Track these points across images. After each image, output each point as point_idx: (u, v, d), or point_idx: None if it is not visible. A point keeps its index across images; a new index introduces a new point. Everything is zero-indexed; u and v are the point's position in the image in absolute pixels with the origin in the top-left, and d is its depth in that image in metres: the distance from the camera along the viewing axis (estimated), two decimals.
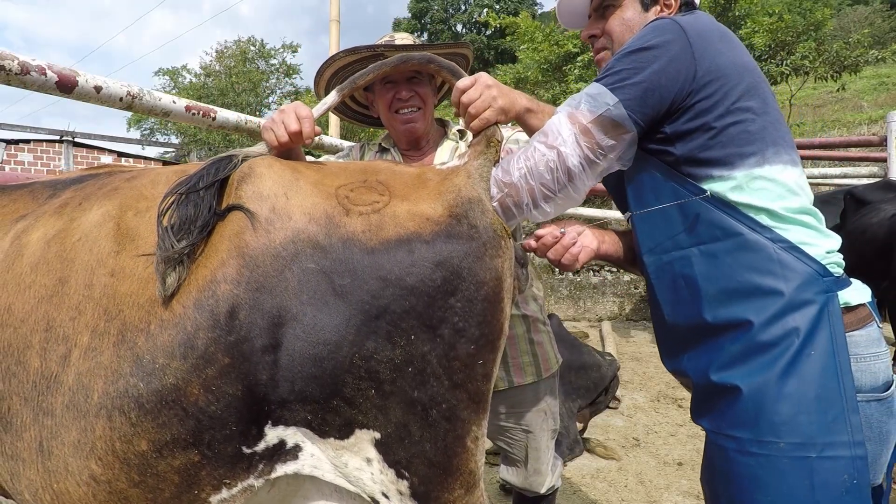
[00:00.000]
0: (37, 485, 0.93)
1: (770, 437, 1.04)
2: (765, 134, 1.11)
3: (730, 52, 1.13)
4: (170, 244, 0.91)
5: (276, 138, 1.15)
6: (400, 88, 1.65)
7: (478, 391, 0.96)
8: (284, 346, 0.90)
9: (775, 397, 1.04)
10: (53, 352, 0.94)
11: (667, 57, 1.08)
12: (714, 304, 1.11)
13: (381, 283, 0.92)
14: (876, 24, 20.82)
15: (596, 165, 1.10)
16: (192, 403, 0.88)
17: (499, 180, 1.08)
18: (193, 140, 16.35)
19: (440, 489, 0.95)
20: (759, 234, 1.08)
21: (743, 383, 1.07)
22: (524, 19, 13.00)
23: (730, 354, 1.10)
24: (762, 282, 1.07)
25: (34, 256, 1.02)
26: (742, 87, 1.11)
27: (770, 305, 1.06)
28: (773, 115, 1.14)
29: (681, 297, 1.17)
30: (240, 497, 0.94)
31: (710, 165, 1.11)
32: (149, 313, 0.92)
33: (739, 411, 1.08)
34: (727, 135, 1.10)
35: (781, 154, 1.12)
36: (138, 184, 1.11)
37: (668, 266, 1.19)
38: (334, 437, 0.93)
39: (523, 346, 1.75)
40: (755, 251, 1.08)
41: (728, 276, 1.10)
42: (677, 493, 2.94)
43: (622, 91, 1.09)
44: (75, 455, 0.90)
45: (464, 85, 1.19)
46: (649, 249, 1.22)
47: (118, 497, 0.90)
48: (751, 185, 1.10)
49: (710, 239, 1.12)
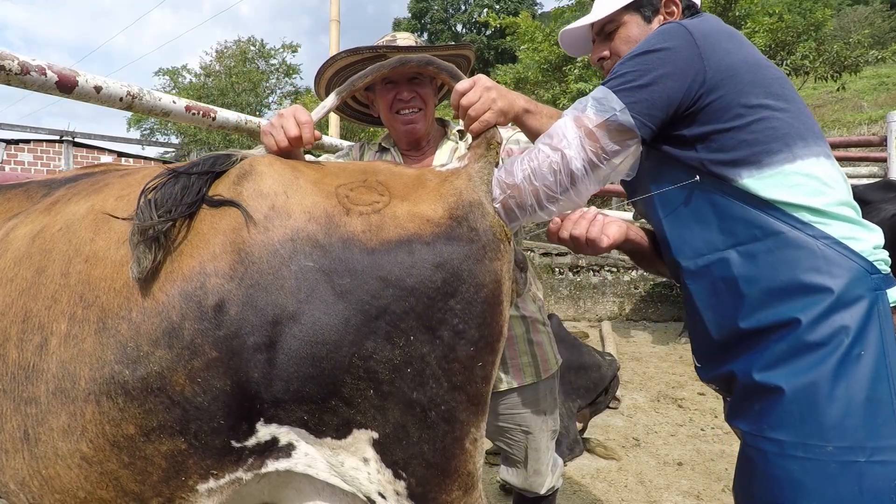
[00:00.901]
0: (23, 473, 0.93)
1: (816, 440, 1.00)
2: (790, 128, 1.09)
3: (739, 50, 1.12)
4: (148, 216, 0.90)
5: (276, 143, 1.15)
6: (401, 89, 1.65)
7: (477, 393, 0.96)
8: (280, 344, 0.90)
9: (823, 399, 1.00)
10: (29, 341, 0.94)
11: (673, 59, 1.08)
12: (757, 305, 1.08)
13: (380, 283, 0.91)
14: (876, 24, 20.82)
15: (599, 170, 1.09)
16: (177, 393, 0.88)
17: (501, 181, 1.08)
18: (193, 140, 16.35)
19: (438, 490, 0.95)
20: (800, 231, 1.05)
21: (788, 384, 1.03)
22: (524, 19, 12.99)
23: (775, 354, 1.06)
24: (808, 279, 1.04)
25: (18, 252, 1.02)
26: (757, 83, 1.09)
27: (818, 303, 1.03)
28: (796, 107, 1.12)
29: (721, 300, 1.13)
30: (227, 488, 0.94)
31: (738, 166, 1.09)
32: (128, 299, 0.91)
33: (783, 413, 1.04)
34: (750, 133, 1.08)
35: (812, 146, 1.09)
36: (130, 178, 1.11)
37: (704, 270, 1.15)
38: (331, 437, 0.93)
39: (522, 346, 1.75)
40: (798, 249, 1.05)
41: (771, 275, 1.07)
42: (677, 493, 2.94)
43: (628, 94, 1.08)
44: (65, 439, 0.90)
45: (463, 87, 1.18)
46: (683, 253, 1.19)
47: (109, 478, 0.90)
48: (785, 182, 1.07)
49: (749, 239, 1.09)
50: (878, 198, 4.02)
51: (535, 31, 12.56)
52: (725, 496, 2.90)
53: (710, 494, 2.92)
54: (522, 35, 12.78)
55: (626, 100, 1.07)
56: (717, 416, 4.04)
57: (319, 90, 1.76)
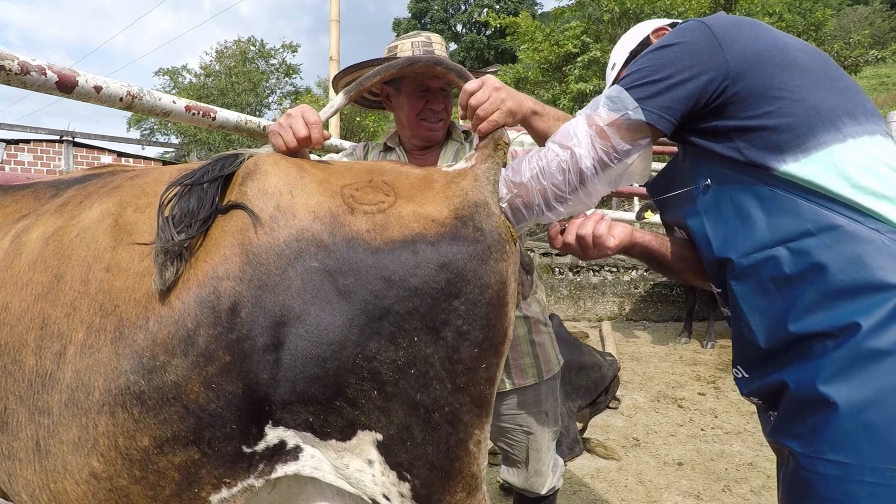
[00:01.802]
0: (34, 485, 0.92)
1: (887, 463, 0.89)
2: (835, 106, 1.00)
3: (765, 36, 1.06)
4: (169, 235, 0.91)
5: (285, 143, 1.15)
6: (433, 100, 1.67)
7: (481, 395, 0.96)
8: (286, 345, 0.89)
9: (893, 415, 0.89)
10: (48, 349, 0.93)
11: (689, 51, 1.04)
12: (812, 307, 0.97)
13: (384, 283, 0.91)
14: (876, 24, 20.85)
15: (610, 169, 1.06)
16: (192, 401, 0.88)
17: (508, 180, 1.07)
18: (193, 140, 16.36)
19: (442, 492, 0.95)
20: (860, 224, 0.95)
21: (849, 397, 0.92)
22: (524, 19, 13.01)
23: (835, 363, 0.94)
24: (871, 278, 0.93)
25: (32, 254, 1.01)
26: (790, 64, 1.03)
27: (881, 304, 0.91)
28: (842, 84, 1.04)
29: (772, 302, 1.03)
30: (240, 497, 0.93)
31: (781, 151, 1.00)
32: (146, 309, 0.91)
33: (845, 431, 0.92)
34: (790, 115, 1.00)
35: (864, 124, 1.00)
36: (141, 182, 1.10)
37: (751, 270, 1.05)
38: (336, 439, 0.93)
39: (525, 347, 1.75)
40: (858, 244, 0.94)
41: (827, 275, 0.96)
42: (677, 493, 2.94)
43: (640, 90, 1.04)
44: (75, 453, 0.89)
45: (472, 87, 1.18)
46: (727, 253, 1.09)
47: (119, 495, 0.89)
48: (836, 165, 0.97)
49: (800, 234, 0.98)
50: None
51: (535, 31, 12.58)
52: (725, 496, 2.90)
53: (710, 494, 2.91)
54: (522, 35, 12.80)
55: (638, 96, 1.04)
56: (717, 416, 4.04)
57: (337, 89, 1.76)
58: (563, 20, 13.66)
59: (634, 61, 1.11)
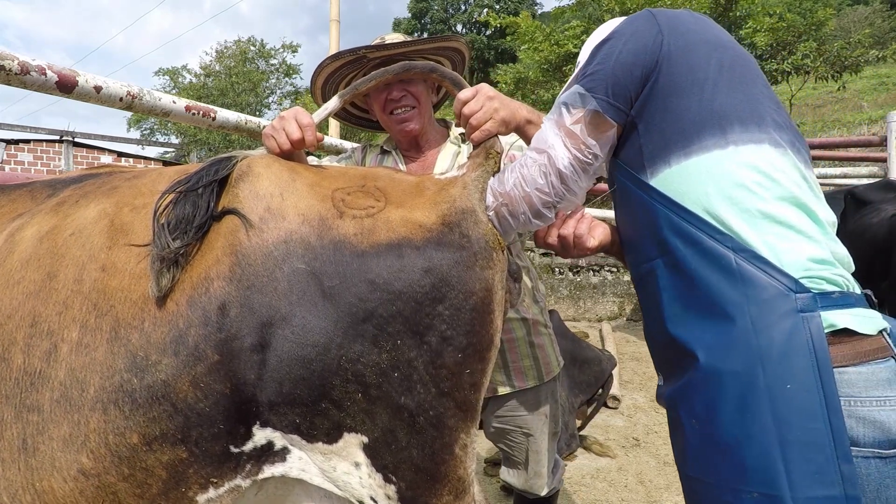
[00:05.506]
0: (17, 485, 0.91)
1: (739, 484, 0.88)
2: (732, 110, 0.97)
3: (702, 30, 1.06)
4: (165, 243, 0.91)
5: (278, 146, 1.15)
6: (391, 89, 1.64)
7: (465, 400, 0.96)
8: (273, 346, 0.90)
9: (737, 438, 0.87)
10: (37, 347, 0.93)
11: (630, 35, 1.04)
12: (674, 322, 0.98)
13: (368, 286, 0.92)
14: (876, 24, 20.84)
15: (588, 166, 1.06)
16: (181, 400, 0.88)
17: (494, 190, 1.08)
18: (193, 140, 16.38)
19: (428, 495, 0.95)
20: (716, 242, 0.92)
21: (696, 418, 0.93)
22: (524, 19, 13.00)
23: (688, 382, 0.95)
24: (717, 300, 0.91)
25: (25, 252, 1.01)
26: (711, 62, 1.01)
27: (727, 328, 0.90)
28: (751, 91, 1.00)
29: (651, 316, 1.05)
30: (227, 497, 0.94)
31: (667, 151, 0.99)
32: (142, 310, 0.91)
33: (695, 450, 0.94)
34: (687, 111, 0.98)
35: (753, 133, 0.95)
36: (139, 183, 1.10)
37: (640, 282, 1.08)
38: (322, 442, 0.93)
39: (524, 349, 1.75)
40: (713, 261, 0.92)
41: (685, 292, 0.96)
42: (677, 493, 2.93)
43: (591, 80, 1.04)
44: (65, 450, 0.89)
45: (465, 96, 1.19)
46: (627, 260, 1.13)
47: (106, 492, 0.89)
48: (710, 173, 0.94)
49: (671, 249, 0.97)
50: (878, 198, 4.01)
51: (535, 31, 12.57)
52: None
53: None
54: (522, 35, 12.79)
55: (588, 85, 1.03)
56: None
57: (316, 98, 1.77)
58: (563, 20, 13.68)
59: (588, 57, 1.11)
